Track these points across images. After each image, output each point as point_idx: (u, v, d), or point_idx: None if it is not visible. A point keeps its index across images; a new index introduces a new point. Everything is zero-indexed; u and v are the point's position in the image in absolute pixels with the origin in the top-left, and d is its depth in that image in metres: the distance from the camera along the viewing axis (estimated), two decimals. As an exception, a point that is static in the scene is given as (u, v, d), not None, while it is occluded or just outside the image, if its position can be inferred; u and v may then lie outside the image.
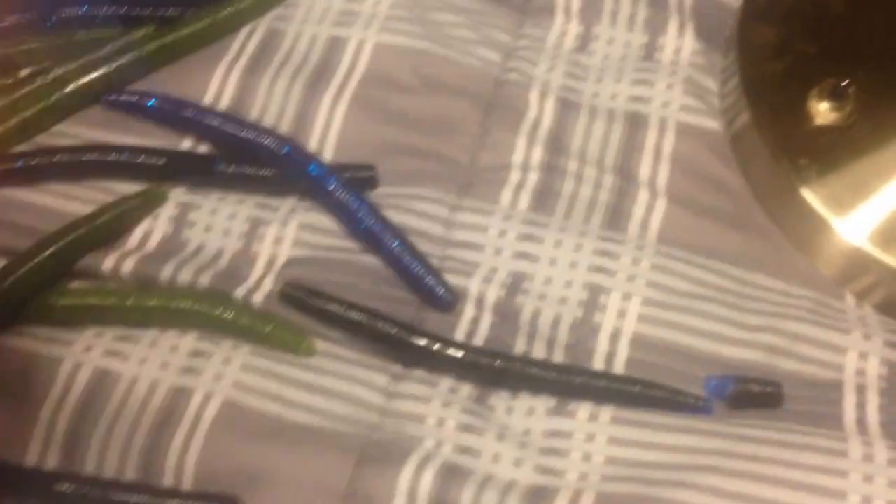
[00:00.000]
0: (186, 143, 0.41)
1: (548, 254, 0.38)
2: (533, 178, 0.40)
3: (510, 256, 0.38)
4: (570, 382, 0.34)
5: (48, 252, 0.37)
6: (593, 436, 0.33)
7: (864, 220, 0.38)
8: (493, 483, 0.32)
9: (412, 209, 0.39)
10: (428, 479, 0.32)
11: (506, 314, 0.37)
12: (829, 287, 0.38)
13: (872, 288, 0.38)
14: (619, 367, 0.36)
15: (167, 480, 0.33)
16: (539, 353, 0.36)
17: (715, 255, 0.38)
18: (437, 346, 0.35)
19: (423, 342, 0.35)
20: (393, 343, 0.35)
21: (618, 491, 0.31)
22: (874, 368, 0.35)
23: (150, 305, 0.37)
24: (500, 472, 0.32)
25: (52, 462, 0.34)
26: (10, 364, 0.35)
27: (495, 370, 0.35)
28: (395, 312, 0.36)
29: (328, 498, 0.32)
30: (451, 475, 0.32)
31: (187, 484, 0.33)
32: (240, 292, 0.37)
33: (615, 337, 0.36)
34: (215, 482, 0.33)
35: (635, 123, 0.41)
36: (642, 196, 0.39)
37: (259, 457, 0.33)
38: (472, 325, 0.36)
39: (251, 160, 0.40)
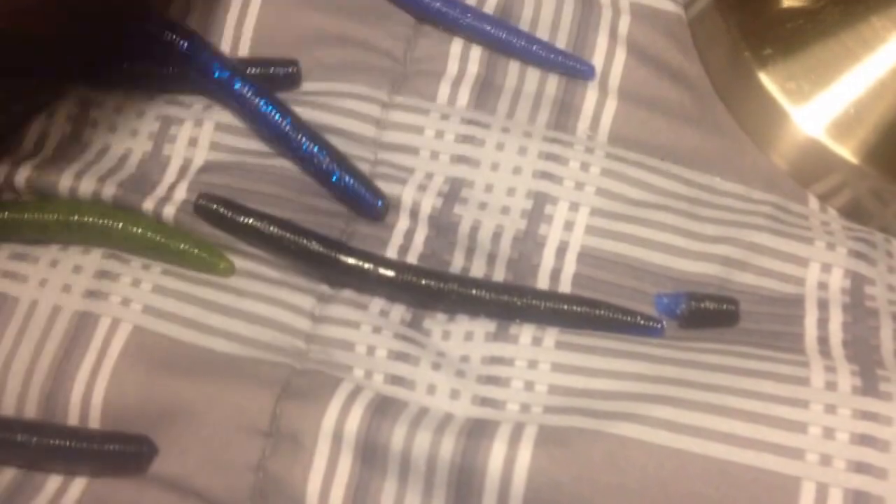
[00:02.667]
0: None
1: (489, 157, 0.34)
2: (473, 69, 0.36)
3: (448, 161, 0.34)
4: (511, 304, 0.32)
5: None
6: (536, 363, 0.31)
7: (823, 110, 0.35)
8: (427, 418, 0.29)
9: (340, 108, 0.35)
10: (356, 416, 0.29)
11: (442, 226, 0.34)
12: (792, 190, 0.35)
13: (836, 189, 0.36)
14: (565, 285, 0.33)
15: (72, 419, 0.30)
16: (479, 269, 0.33)
17: (670, 155, 0.35)
18: (367, 265, 0.32)
19: (351, 260, 0.32)
20: (319, 261, 0.32)
21: (562, 424, 0.29)
22: (837, 281, 0.32)
23: (50, 219, 0.33)
24: (436, 404, 0.30)
25: (-55, 397, 0.31)
26: None
27: (430, 291, 0.32)
28: (322, 226, 0.33)
29: (248, 436, 0.30)
30: (383, 410, 0.29)
31: (94, 422, 0.30)
32: (149, 204, 0.33)
33: (561, 251, 0.33)
34: (125, 420, 0.30)
35: (588, 3, 0.37)
36: (593, 89, 0.36)
37: (173, 390, 0.30)
38: (405, 240, 0.33)
39: (158, 56, 0.35)
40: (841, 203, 0.36)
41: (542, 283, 0.33)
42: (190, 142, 0.35)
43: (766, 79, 0.36)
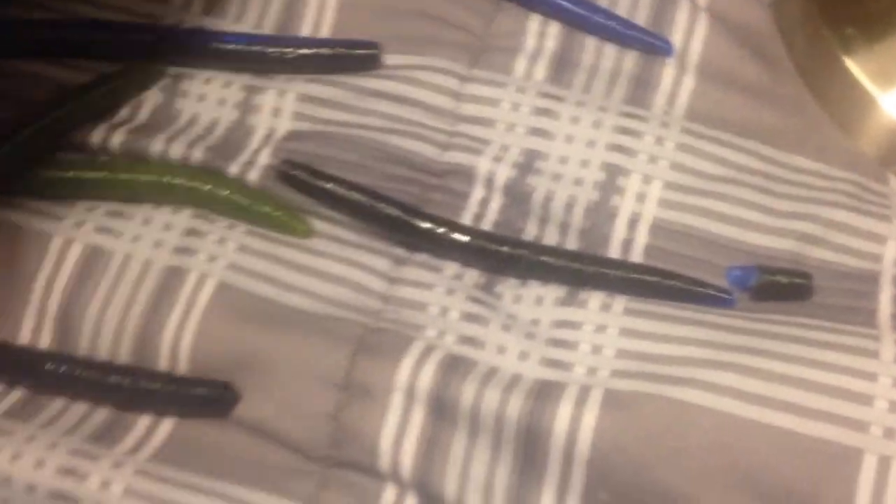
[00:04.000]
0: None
1: (564, 130, 0.35)
2: (551, 45, 0.37)
3: (523, 133, 0.35)
4: (582, 271, 0.32)
5: (38, 124, 0.35)
6: (604, 327, 0.31)
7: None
8: (496, 378, 0.30)
9: (418, 80, 0.36)
10: (429, 372, 0.30)
11: (516, 196, 0.34)
12: (872, 169, 0.35)
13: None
14: (636, 256, 0.33)
15: (162, 365, 0.32)
16: (551, 238, 0.34)
17: (747, 132, 0.35)
18: (442, 230, 0.33)
19: (427, 225, 0.33)
20: (396, 226, 0.33)
21: (628, 388, 0.29)
22: None
23: (144, 180, 0.35)
24: (505, 364, 0.31)
25: (45, 342, 0.33)
26: (1, 238, 0.34)
27: (503, 256, 0.33)
28: (399, 193, 0.34)
29: (324, 387, 0.31)
30: (454, 368, 0.30)
31: (182, 369, 0.32)
32: (234, 168, 0.35)
33: (633, 222, 0.34)
34: (211, 367, 0.32)
35: None
36: (671, 66, 0.36)
37: (254, 342, 0.32)
38: (480, 208, 0.34)
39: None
40: (923, 184, 0.35)
41: (614, 253, 0.34)
42: (274, 112, 0.36)
43: (850, 62, 0.36)
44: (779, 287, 0.32)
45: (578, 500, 0.29)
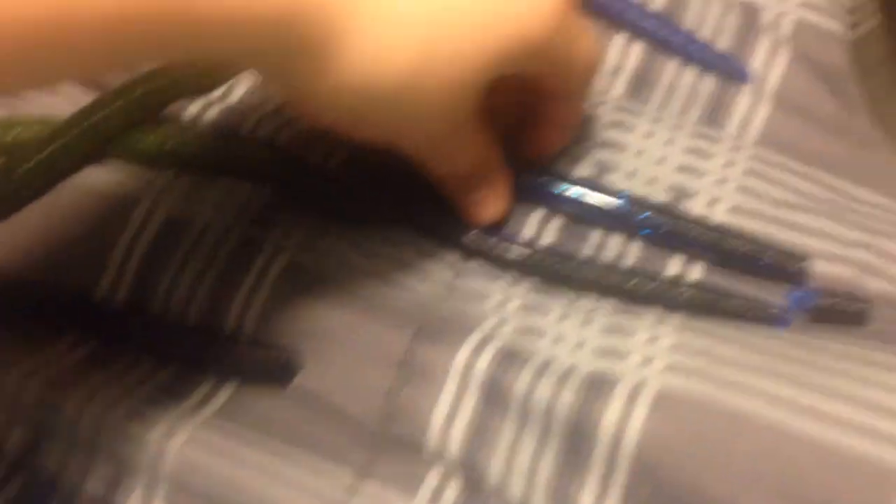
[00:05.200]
0: None
1: (636, 144, 0.36)
2: (632, 63, 0.38)
3: (595, 144, 0.36)
4: (639, 289, 0.33)
5: (138, 92, 0.37)
6: (663, 319, 0.32)
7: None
8: (551, 369, 0.31)
9: None
10: (486, 359, 0.31)
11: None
12: None
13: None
14: (696, 274, 0.34)
15: (228, 330, 0.33)
16: (613, 250, 0.35)
17: (816, 162, 0.36)
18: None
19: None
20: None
21: (680, 386, 0.30)
22: None
23: (228, 155, 0.37)
24: (561, 354, 0.31)
25: (120, 298, 0.34)
26: (91, 197, 0.36)
27: (556, 272, 0.34)
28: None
29: (382, 362, 0.32)
30: (510, 358, 0.31)
31: (247, 337, 0.33)
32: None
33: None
34: (275, 336, 0.33)
35: (750, 13, 0.38)
36: (747, 93, 0.37)
37: (319, 316, 0.33)
38: (542, 221, 0.35)
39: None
40: None
41: (674, 270, 0.34)
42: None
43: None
44: (837, 311, 0.32)
45: (620, 495, 0.29)
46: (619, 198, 0.34)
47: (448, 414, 0.31)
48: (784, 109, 0.37)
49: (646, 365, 0.31)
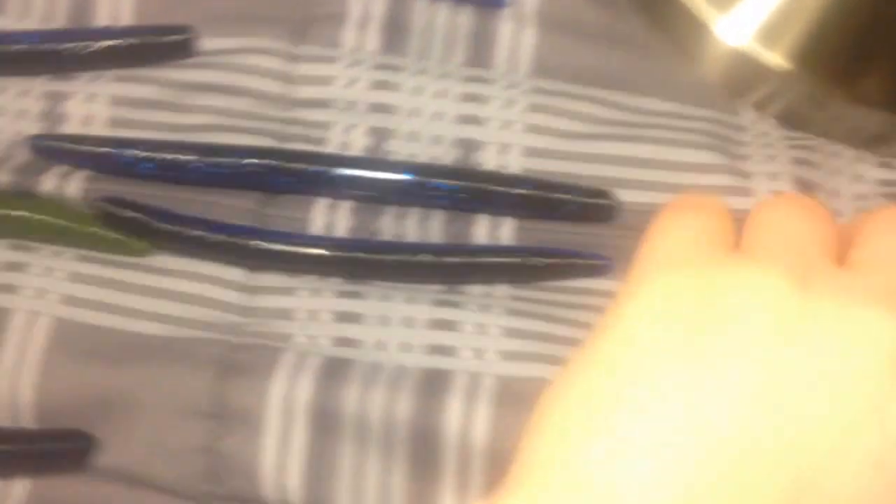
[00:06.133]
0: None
1: (407, 104, 0.33)
2: (379, 9, 0.34)
3: (365, 110, 0.33)
4: (454, 265, 0.31)
5: None
6: (489, 306, 0.30)
7: (748, 17, 0.34)
8: (380, 376, 0.28)
9: (240, 65, 0.33)
10: (305, 383, 0.28)
11: None
12: (726, 103, 0.35)
13: (771, 98, 0.35)
14: (505, 230, 0.32)
15: (2, 420, 0.29)
16: (412, 230, 0.32)
17: (598, 81, 0.34)
18: (288, 248, 0.31)
19: (277, 246, 0.31)
20: (233, 251, 0.31)
21: (519, 374, 0.28)
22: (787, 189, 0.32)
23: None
24: (388, 359, 0.29)
25: None
26: None
27: (364, 264, 0.31)
28: (240, 199, 0.32)
29: (192, 418, 0.28)
30: (332, 373, 0.28)
31: (26, 422, 0.29)
32: (48, 185, 0.31)
33: None
34: (61, 416, 0.29)
35: None
36: (508, 19, 0.35)
37: (106, 380, 0.29)
38: (330, 210, 0.32)
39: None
40: (776, 110, 0.35)
41: (481, 231, 0.32)
42: (85, 120, 0.32)
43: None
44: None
45: (480, 497, 0.28)
46: (405, 173, 0.31)
47: (278, 455, 0.28)
48: (550, 30, 0.35)
49: (479, 353, 0.29)
